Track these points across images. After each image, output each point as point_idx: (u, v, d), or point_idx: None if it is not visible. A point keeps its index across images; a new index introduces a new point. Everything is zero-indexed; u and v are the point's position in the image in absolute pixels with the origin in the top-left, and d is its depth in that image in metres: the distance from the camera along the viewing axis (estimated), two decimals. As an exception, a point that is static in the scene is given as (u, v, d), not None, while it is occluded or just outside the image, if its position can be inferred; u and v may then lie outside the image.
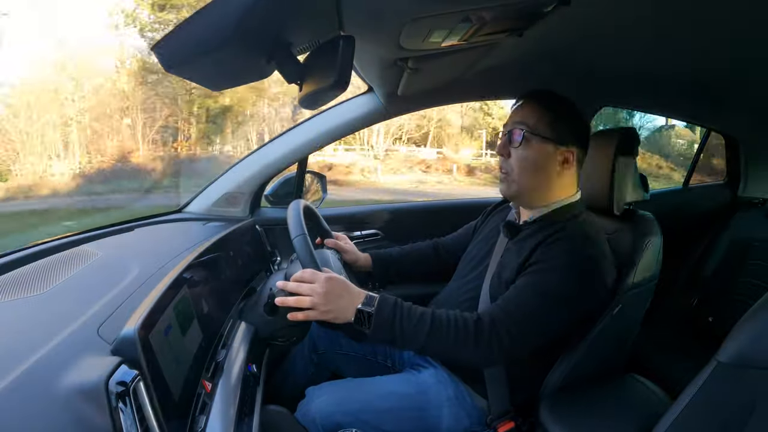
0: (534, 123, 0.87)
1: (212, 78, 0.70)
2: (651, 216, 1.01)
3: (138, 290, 0.72)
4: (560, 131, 0.87)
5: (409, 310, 0.79)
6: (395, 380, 0.95)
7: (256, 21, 0.55)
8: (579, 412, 0.88)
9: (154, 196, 8.01)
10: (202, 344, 0.72)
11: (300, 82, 0.71)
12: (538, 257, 0.83)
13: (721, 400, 0.61)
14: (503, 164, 0.91)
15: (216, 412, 0.64)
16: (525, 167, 0.88)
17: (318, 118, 1.35)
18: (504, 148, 0.90)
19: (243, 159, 1.38)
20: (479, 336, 0.77)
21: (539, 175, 0.89)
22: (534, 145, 0.87)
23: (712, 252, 1.68)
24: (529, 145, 0.87)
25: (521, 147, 0.87)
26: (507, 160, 0.90)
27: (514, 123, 0.89)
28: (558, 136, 0.87)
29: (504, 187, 0.91)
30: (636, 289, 0.93)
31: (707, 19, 0.82)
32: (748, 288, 1.54)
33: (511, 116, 0.92)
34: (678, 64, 1.13)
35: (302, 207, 0.94)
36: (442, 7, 0.64)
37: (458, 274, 1.05)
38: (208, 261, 0.88)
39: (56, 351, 0.52)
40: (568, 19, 0.82)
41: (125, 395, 0.47)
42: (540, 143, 0.87)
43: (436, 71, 1.06)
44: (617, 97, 1.55)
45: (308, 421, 0.85)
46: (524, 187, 0.89)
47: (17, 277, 0.71)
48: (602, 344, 0.93)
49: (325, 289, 0.77)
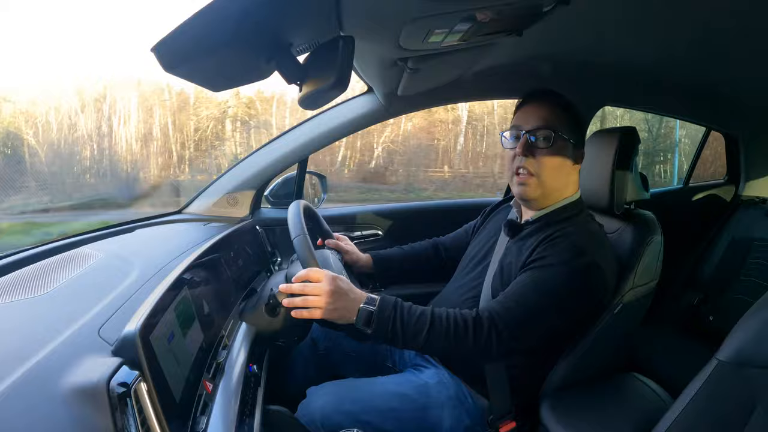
0: (559, 125, 0.87)
1: (212, 78, 0.70)
2: (651, 215, 1.01)
3: (139, 291, 0.72)
4: (578, 133, 0.90)
5: (409, 309, 0.79)
6: (396, 380, 0.95)
7: (255, 21, 0.55)
8: (580, 412, 0.88)
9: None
10: (203, 345, 0.72)
11: (300, 83, 0.71)
12: (539, 254, 0.83)
13: (722, 399, 0.61)
14: (523, 164, 0.87)
15: (217, 413, 0.64)
16: (553, 168, 0.88)
17: (318, 118, 1.35)
18: (528, 148, 0.87)
19: (243, 159, 1.38)
20: (478, 331, 0.78)
21: (561, 177, 0.90)
22: (560, 146, 0.87)
23: (712, 251, 1.68)
24: (556, 146, 0.87)
25: (549, 148, 0.87)
26: (529, 160, 0.87)
27: (539, 123, 0.87)
28: (576, 137, 0.90)
29: (525, 189, 0.88)
30: (636, 289, 0.93)
31: (707, 19, 0.82)
32: (749, 287, 1.54)
33: (530, 115, 0.89)
34: (678, 63, 1.14)
35: (302, 207, 0.94)
36: (441, 7, 0.64)
37: (458, 273, 1.05)
38: (209, 262, 0.88)
39: (57, 352, 0.52)
40: (567, 19, 0.82)
41: (126, 396, 0.47)
42: (564, 144, 0.88)
43: (436, 71, 1.06)
44: (617, 97, 1.55)
45: (309, 422, 0.85)
46: (549, 189, 0.89)
47: (18, 278, 0.71)
48: (603, 344, 0.93)
49: (332, 287, 0.77)
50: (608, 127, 1.07)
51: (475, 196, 6.00)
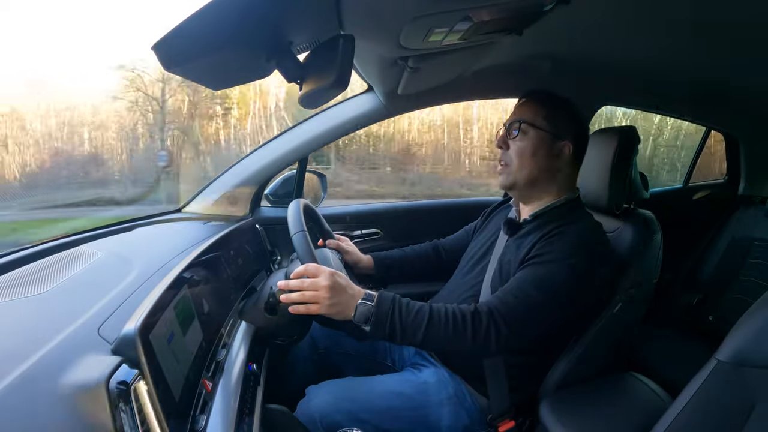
0: (531, 117, 0.91)
1: (212, 77, 0.70)
2: (651, 215, 1.01)
3: (138, 290, 0.71)
4: (556, 124, 0.91)
5: (407, 304, 0.79)
6: (395, 379, 0.95)
7: (256, 20, 0.55)
8: (579, 411, 0.88)
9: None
10: (203, 343, 0.72)
11: (300, 81, 0.70)
12: (537, 251, 0.84)
13: (721, 399, 0.61)
14: (502, 156, 0.94)
15: (216, 412, 0.64)
16: (522, 156, 0.91)
17: (318, 117, 1.35)
18: (503, 140, 0.94)
19: (243, 158, 1.38)
20: (477, 326, 0.78)
21: (536, 165, 0.91)
22: (531, 136, 0.91)
23: (712, 251, 1.68)
24: (526, 136, 0.91)
25: (518, 138, 0.92)
26: (506, 152, 0.93)
27: (513, 118, 0.93)
28: (553, 128, 0.91)
29: (502, 178, 0.94)
30: (636, 288, 0.93)
31: (707, 19, 0.82)
32: (748, 287, 1.54)
33: (511, 114, 0.96)
34: (678, 63, 1.14)
35: (302, 205, 0.94)
36: (442, 6, 0.64)
37: (458, 272, 1.05)
38: (209, 260, 0.88)
39: (57, 351, 0.52)
40: (567, 19, 0.82)
41: (126, 395, 0.47)
42: (536, 134, 0.91)
43: (436, 70, 1.06)
44: (617, 97, 1.55)
45: (308, 420, 0.86)
46: (521, 176, 0.92)
47: (18, 277, 0.71)
48: (602, 343, 0.93)
49: (330, 283, 0.77)
50: (608, 127, 1.07)
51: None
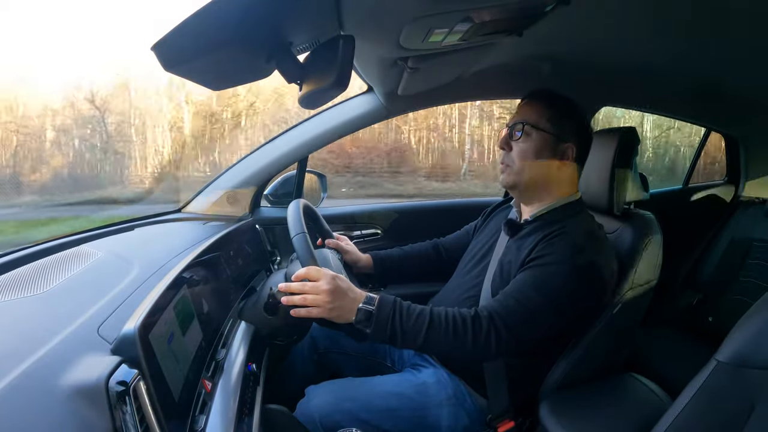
0: (535, 119, 0.91)
1: (212, 78, 0.70)
2: (651, 215, 1.01)
3: (138, 290, 0.72)
4: (559, 126, 0.90)
5: (408, 308, 0.79)
6: (395, 380, 0.95)
7: (256, 20, 0.55)
8: (579, 412, 0.88)
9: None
10: (202, 344, 0.72)
11: (300, 82, 0.71)
12: (538, 253, 0.84)
13: (721, 400, 0.61)
14: (504, 157, 0.94)
15: (216, 412, 0.64)
16: (524, 157, 0.91)
17: (318, 117, 1.35)
18: (505, 141, 0.93)
19: (243, 158, 1.38)
20: (477, 330, 0.78)
21: (538, 166, 0.91)
22: (534, 138, 0.90)
23: (711, 251, 1.68)
24: (529, 138, 0.91)
25: (521, 140, 0.91)
26: (508, 154, 0.93)
27: (517, 119, 0.93)
28: (557, 130, 0.90)
29: (504, 177, 0.94)
30: (636, 288, 0.93)
31: (707, 19, 0.82)
32: (748, 287, 1.54)
33: (514, 114, 0.95)
34: (678, 63, 1.14)
35: (302, 206, 0.94)
36: (442, 6, 0.64)
37: (458, 272, 1.05)
38: (208, 260, 0.88)
39: (56, 351, 0.52)
40: (568, 19, 0.82)
41: (125, 395, 0.47)
42: (539, 136, 0.90)
43: (436, 71, 1.06)
44: (617, 97, 1.55)
45: (308, 420, 0.85)
46: (523, 177, 0.92)
47: (17, 276, 0.71)
48: (602, 343, 0.93)
49: (331, 286, 0.77)
50: (608, 128, 1.07)
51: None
